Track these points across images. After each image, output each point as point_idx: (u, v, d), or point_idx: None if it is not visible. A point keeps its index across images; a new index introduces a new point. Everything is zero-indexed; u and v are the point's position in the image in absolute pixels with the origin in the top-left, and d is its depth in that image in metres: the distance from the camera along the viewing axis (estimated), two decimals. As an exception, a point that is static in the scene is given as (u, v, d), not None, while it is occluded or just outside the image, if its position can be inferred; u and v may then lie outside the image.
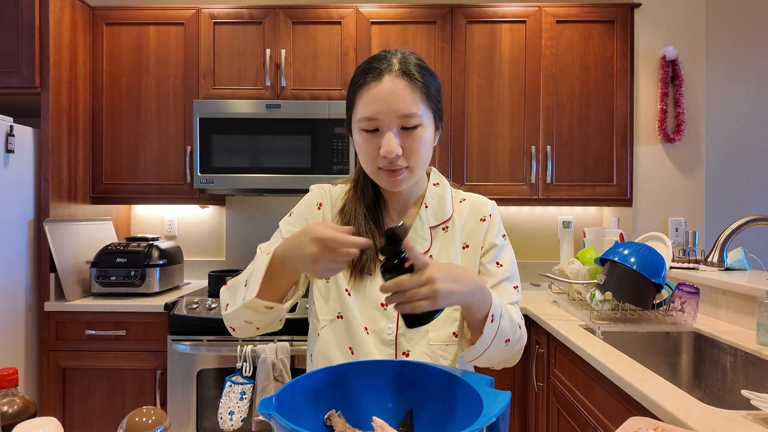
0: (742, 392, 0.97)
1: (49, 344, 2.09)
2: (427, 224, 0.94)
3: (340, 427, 0.67)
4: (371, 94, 0.83)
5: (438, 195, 0.97)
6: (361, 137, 0.86)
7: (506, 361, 0.89)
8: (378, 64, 0.85)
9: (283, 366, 1.90)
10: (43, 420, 0.65)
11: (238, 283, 0.85)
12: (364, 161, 0.89)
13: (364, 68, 0.86)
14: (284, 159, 2.26)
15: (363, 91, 0.85)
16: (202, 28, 2.36)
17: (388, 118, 0.83)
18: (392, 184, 0.88)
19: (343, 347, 0.93)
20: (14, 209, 2.01)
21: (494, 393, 0.64)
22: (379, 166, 0.86)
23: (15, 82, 2.09)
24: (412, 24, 2.35)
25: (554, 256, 2.68)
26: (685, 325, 1.60)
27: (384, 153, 0.83)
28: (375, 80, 0.83)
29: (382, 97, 0.82)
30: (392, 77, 0.83)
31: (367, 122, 0.84)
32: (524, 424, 2.05)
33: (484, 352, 0.81)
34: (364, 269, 0.91)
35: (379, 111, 0.83)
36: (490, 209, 0.99)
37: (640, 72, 2.40)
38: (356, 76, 0.88)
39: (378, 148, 0.84)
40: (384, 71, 0.83)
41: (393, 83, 0.82)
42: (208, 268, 2.68)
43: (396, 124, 0.83)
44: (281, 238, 0.94)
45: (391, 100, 0.82)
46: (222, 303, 0.88)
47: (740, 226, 1.32)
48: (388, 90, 0.82)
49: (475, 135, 2.37)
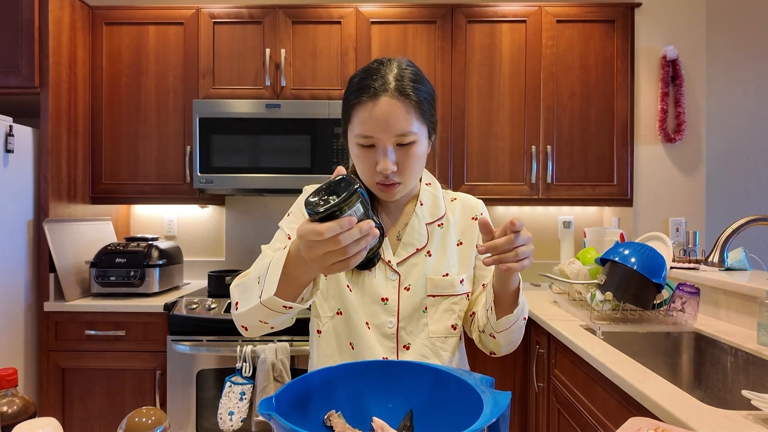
0: (743, 392, 0.97)
1: (49, 344, 2.08)
2: (424, 221, 0.98)
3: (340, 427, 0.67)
4: (367, 113, 0.85)
5: (432, 194, 1.01)
6: (358, 151, 0.89)
7: (514, 343, 0.94)
8: (373, 82, 0.86)
9: (283, 366, 1.90)
10: (42, 420, 0.64)
11: (250, 281, 0.81)
12: (362, 174, 0.92)
13: (360, 84, 0.87)
14: (284, 159, 2.25)
15: (359, 110, 0.86)
16: (201, 27, 2.36)
17: (384, 136, 0.85)
18: (388, 196, 0.92)
19: (344, 344, 0.94)
20: (14, 209, 2.01)
21: (494, 393, 0.63)
22: (377, 180, 0.89)
23: (14, 81, 2.08)
24: (412, 24, 2.35)
25: (554, 256, 2.68)
26: (685, 325, 1.60)
27: (380, 170, 0.87)
28: (371, 100, 0.85)
29: (378, 117, 0.84)
30: (388, 98, 0.85)
31: (364, 139, 0.87)
32: (524, 424, 2.05)
33: (515, 323, 0.87)
34: (363, 265, 0.92)
35: (375, 129, 0.85)
36: (481, 208, 1.04)
37: (640, 72, 2.40)
38: (352, 91, 0.88)
39: (374, 163, 0.88)
40: (380, 91, 0.85)
41: (388, 105, 0.84)
42: (207, 268, 2.68)
43: (392, 142, 0.86)
44: (283, 234, 0.95)
45: (387, 120, 0.84)
46: (232, 301, 0.85)
47: (741, 226, 1.32)
48: (384, 111, 0.84)
49: (476, 135, 2.37)
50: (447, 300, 0.95)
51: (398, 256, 0.95)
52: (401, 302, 0.94)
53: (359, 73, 0.90)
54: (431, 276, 0.95)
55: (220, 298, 2.09)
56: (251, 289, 0.79)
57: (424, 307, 0.94)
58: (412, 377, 0.73)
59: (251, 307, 0.77)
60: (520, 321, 0.88)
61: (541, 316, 1.82)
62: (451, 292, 0.95)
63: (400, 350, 0.93)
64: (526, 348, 2.05)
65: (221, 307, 2.04)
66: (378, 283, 0.94)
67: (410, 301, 0.94)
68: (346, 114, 0.91)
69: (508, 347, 0.94)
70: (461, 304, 0.97)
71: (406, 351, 0.93)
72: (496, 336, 0.90)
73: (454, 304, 0.96)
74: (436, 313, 0.95)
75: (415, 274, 0.95)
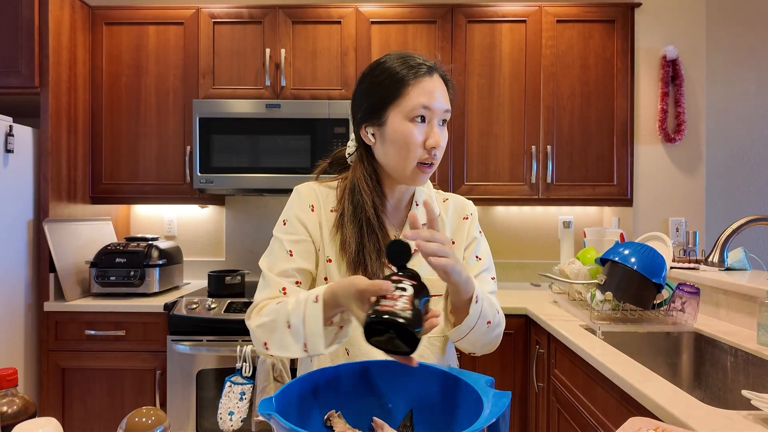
0: (743, 392, 0.97)
1: (49, 344, 2.08)
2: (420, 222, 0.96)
3: (340, 427, 0.67)
4: (426, 86, 0.89)
5: (426, 195, 1.02)
6: (409, 127, 0.89)
7: (487, 345, 0.92)
8: (423, 62, 0.91)
9: (283, 366, 1.89)
10: (42, 420, 0.65)
11: (278, 324, 0.82)
12: (406, 152, 0.89)
13: (409, 63, 0.90)
14: (284, 159, 2.25)
15: (417, 82, 0.89)
16: (201, 27, 2.36)
17: (439, 110, 0.90)
18: (423, 178, 0.92)
19: (339, 350, 0.94)
20: (14, 209, 2.01)
21: (494, 393, 0.63)
22: (421, 159, 0.90)
23: (14, 81, 2.08)
24: (412, 24, 2.35)
25: (554, 256, 2.68)
26: (685, 325, 1.60)
27: (433, 144, 0.89)
28: (428, 75, 0.90)
29: (434, 91, 0.89)
30: (438, 76, 0.92)
31: (424, 110, 0.88)
32: (524, 424, 2.05)
33: (469, 333, 0.85)
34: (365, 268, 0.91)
35: (433, 102, 0.89)
36: (471, 209, 1.06)
37: (640, 72, 2.40)
38: (400, 69, 0.90)
39: (425, 138, 0.89)
40: (433, 69, 0.91)
41: (439, 82, 0.91)
42: (207, 268, 2.68)
43: (439, 118, 0.91)
44: (283, 250, 0.93)
45: (441, 95, 0.90)
46: (257, 342, 0.85)
47: (741, 226, 1.32)
48: (439, 86, 0.91)
49: (476, 135, 2.37)
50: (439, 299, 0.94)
51: None
52: None
53: (397, 57, 0.92)
54: (427, 276, 0.94)
55: (220, 298, 2.09)
56: (283, 335, 0.81)
57: None
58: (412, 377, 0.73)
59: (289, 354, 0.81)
60: (479, 328, 0.86)
61: (541, 316, 1.82)
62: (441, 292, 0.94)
63: None
64: (526, 348, 2.05)
65: (221, 307, 2.04)
66: None
67: None
68: (395, 91, 0.89)
69: (482, 349, 0.93)
70: None
71: None
72: (456, 344, 0.90)
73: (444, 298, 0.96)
74: None
75: None
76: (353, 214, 0.93)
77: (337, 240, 0.93)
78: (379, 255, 0.91)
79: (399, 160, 0.90)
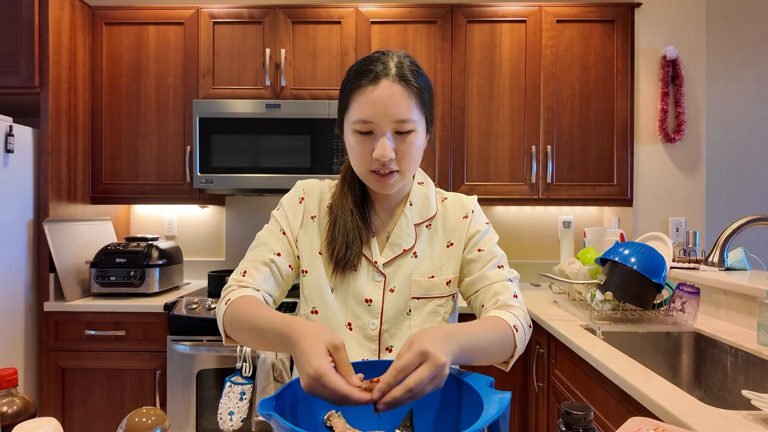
0: (743, 392, 0.97)
1: (49, 344, 2.08)
2: (412, 221, 0.96)
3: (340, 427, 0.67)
4: (367, 97, 0.83)
5: (423, 193, 0.99)
6: (355, 139, 0.86)
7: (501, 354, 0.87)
8: (373, 66, 0.84)
9: (283, 366, 1.89)
10: (42, 420, 0.64)
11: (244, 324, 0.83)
12: (356, 163, 0.89)
13: (359, 70, 0.86)
14: (284, 159, 2.25)
15: (358, 94, 0.85)
16: (201, 27, 2.36)
17: (384, 122, 0.83)
18: (383, 187, 0.89)
19: None
20: (14, 209, 2.01)
21: (494, 393, 0.63)
22: (372, 168, 0.87)
23: (14, 81, 2.08)
24: (412, 24, 2.35)
25: (554, 256, 2.68)
26: (685, 325, 1.60)
27: (377, 156, 0.84)
28: (371, 83, 0.83)
29: (378, 101, 0.83)
30: (389, 81, 0.83)
31: (362, 125, 0.84)
32: (524, 424, 2.05)
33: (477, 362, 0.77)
34: (347, 265, 0.91)
35: (374, 114, 0.83)
36: (472, 205, 1.00)
37: (640, 72, 2.40)
38: (350, 77, 0.87)
39: (371, 150, 0.85)
40: (381, 75, 0.83)
41: (390, 88, 0.83)
42: (207, 268, 2.68)
43: (390, 129, 0.84)
44: (277, 226, 0.96)
45: (387, 104, 0.83)
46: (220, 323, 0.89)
47: (741, 226, 1.32)
48: (385, 94, 0.83)
49: (475, 135, 2.37)
50: (432, 302, 0.93)
51: (384, 257, 0.93)
52: (385, 304, 0.92)
53: (359, 61, 0.89)
54: (416, 278, 0.93)
55: (219, 299, 2.09)
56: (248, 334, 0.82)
57: (408, 310, 0.92)
58: (412, 377, 0.73)
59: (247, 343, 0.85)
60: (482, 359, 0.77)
61: (541, 316, 1.82)
62: (436, 294, 0.93)
63: (382, 352, 0.91)
64: (526, 348, 2.04)
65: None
66: (363, 284, 0.92)
67: (394, 303, 0.92)
68: (343, 101, 0.89)
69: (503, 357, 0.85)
70: (447, 306, 0.95)
71: (389, 353, 0.91)
72: None
73: (440, 306, 0.93)
74: (420, 316, 0.92)
75: (400, 276, 0.93)
76: (341, 208, 0.94)
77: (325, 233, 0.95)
78: (361, 248, 0.92)
79: (356, 168, 0.91)
